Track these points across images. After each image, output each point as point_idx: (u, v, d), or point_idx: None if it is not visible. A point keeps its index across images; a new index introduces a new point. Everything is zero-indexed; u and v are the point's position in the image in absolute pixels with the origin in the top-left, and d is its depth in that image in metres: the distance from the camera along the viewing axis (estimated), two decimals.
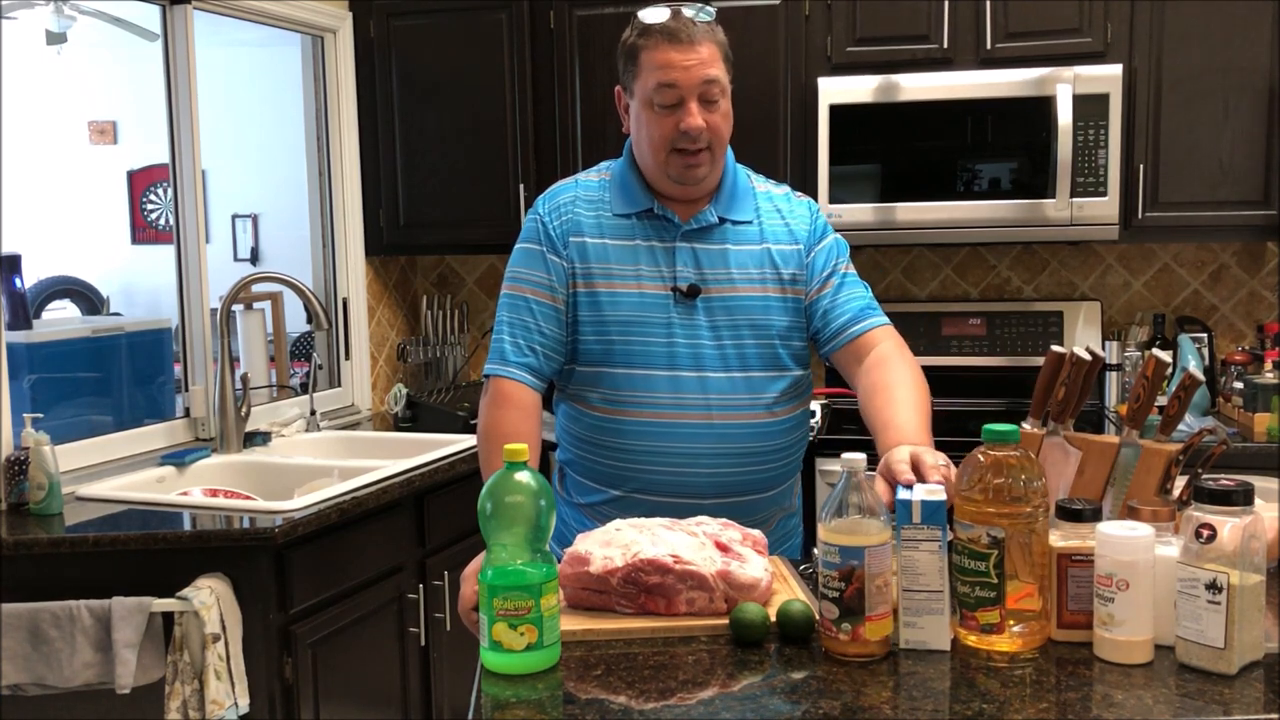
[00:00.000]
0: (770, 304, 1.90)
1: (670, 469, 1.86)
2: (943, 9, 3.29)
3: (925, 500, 1.36)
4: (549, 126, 3.62)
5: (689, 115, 1.81)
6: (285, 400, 3.60)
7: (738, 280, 1.89)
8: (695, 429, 1.86)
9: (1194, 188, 3.22)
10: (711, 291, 1.88)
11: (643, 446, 1.87)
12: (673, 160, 1.85)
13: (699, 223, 1.90)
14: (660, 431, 1.86)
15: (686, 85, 1.81)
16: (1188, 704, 1.22)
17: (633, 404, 1.87)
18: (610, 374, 1.89)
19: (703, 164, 1.86)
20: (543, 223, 1.93)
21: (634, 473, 1.88)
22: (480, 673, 1.35)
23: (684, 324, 1.87)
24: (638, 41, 1.84)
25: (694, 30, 1.81)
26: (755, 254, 1.91)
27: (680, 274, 1.88)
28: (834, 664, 1.34)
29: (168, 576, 2.28)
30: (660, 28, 1.81)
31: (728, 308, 1.88)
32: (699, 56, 1.80)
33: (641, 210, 1.91)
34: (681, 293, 1.88)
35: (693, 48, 1.80)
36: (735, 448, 1.87)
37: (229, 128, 4.95)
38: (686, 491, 1.85)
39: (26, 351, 3.64)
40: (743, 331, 1.88)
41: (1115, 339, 3.48)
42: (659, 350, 1.87)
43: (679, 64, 1.80)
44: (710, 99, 1.83)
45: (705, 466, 1.86)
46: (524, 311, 1.90)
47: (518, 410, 1.86)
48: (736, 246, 1.91)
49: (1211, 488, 1.29)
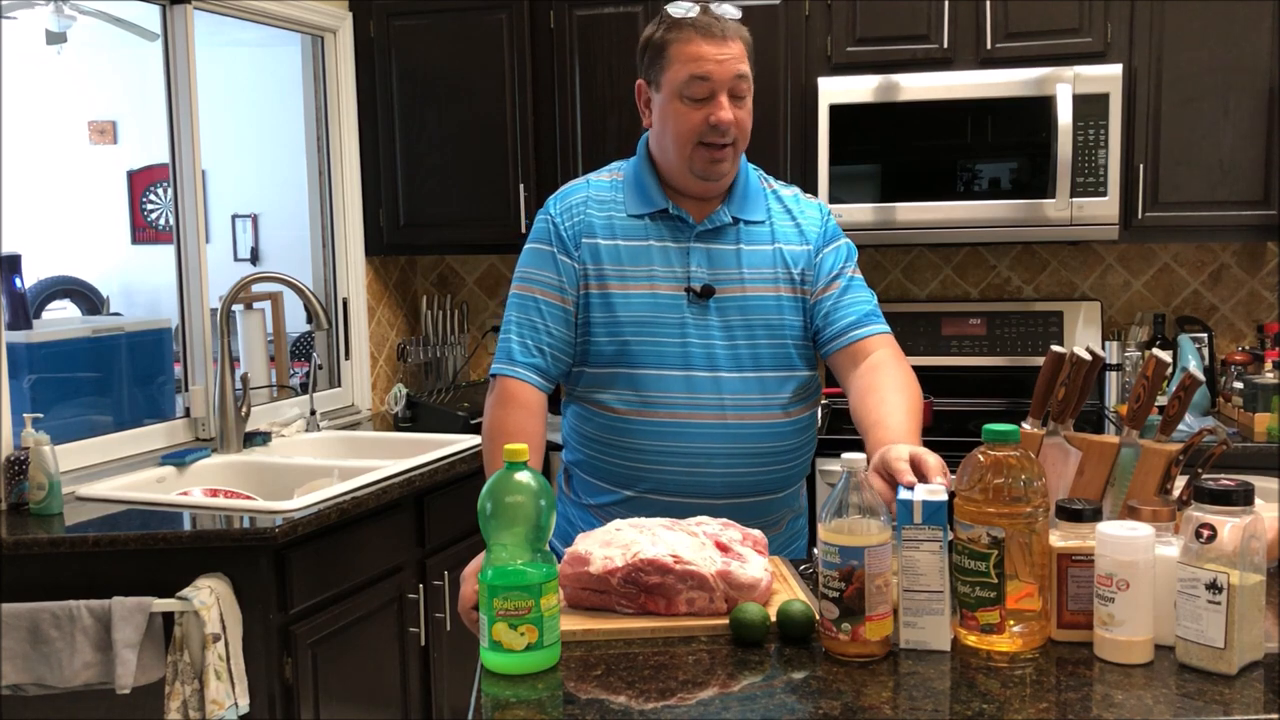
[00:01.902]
0: (783, 304, 1.91)
1: (684, 469, 1.87)
2: (943, 9, 3.29)
3: (926, 500, 1.36)
4: (549, 126, 3.62)
5: (720, 108, 1.82)
6: (285, 400, 3.60)
7: (750, 280, 1.89)
8: (709, 429, 1.86)
9: (1194, 188, 3.22)
10: (725, 292, 1.89)
11: (656, 447, 1.87)
12: (698, 154, 1.85)
13: (713, 223, 1.91)
14: (674, 432, 1.86)
15: (719, 78, 1.82)
16: (1188, 704, 1.22)
17: (646, 404, 1.87)
18: (624, 374, 1.89)
19: (727, 159, 1.86)
20: (554, 223, 1.93)
21: (647, 473, 1.88)
22: (480, 673, 1.35)
23: (697, 324, 1.88)
24: (667, 35, 1.85)
25: (726, 26, 1.83)
26: (767, 254, 1.91)
27: (694, 274, 1.89)
28: (834, 664, 1.34)
29: (168, 576, 2.28)
30: (692, 22, 1.83)
31: (741, 308, 1.89)
32: (731, 51, 1.82)
33: (656, 211, 1.91)
34: (695, 293, 1.88)
35: (725, 42, 1.82)
36: (749, 448, 1.88)
37: (229, 128, 4.96)
38: (699, 492, 1.85)
39: (26, 351, 3.64)
40: (756, 332, 1.89)
41: (1115, 339, 3.48)
42: (673, 351, 1.87)
43: (712, 57, 1.81)
44: (739, 94, 1.85)
45: (719, 467, 1.86)
46: (532, 312, 1.90)
47: (523, 410, 1.86)
48: (749, 247, 1.91)
49: (1211, 488, 1.29)
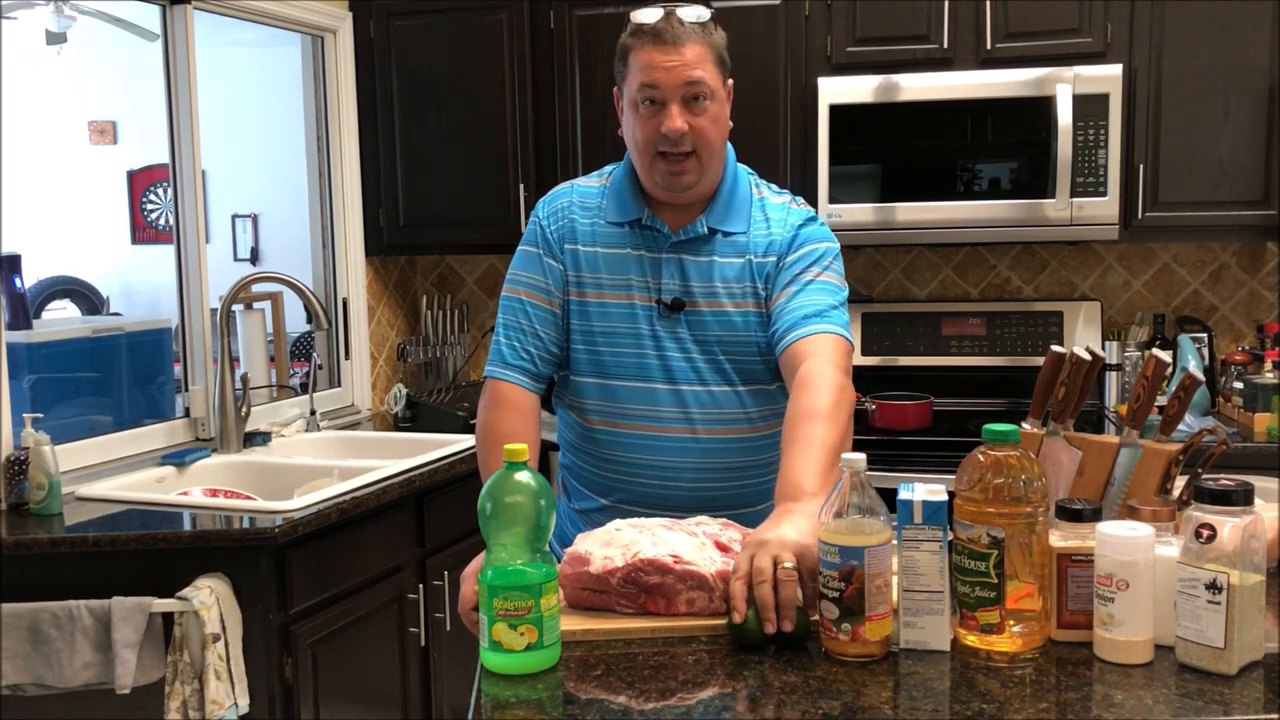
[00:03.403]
0: (750, 319, 1.85)
1: (654, 481, 1.86)
2: (943, 9, 3.29)
3: (926, 500, 1.36)
4: (549, 126, 3.62)
5: (669, 117, 1.76)
6: (285, 400, 3.60)
7: (721, 295, 1.85)
8: (678, 443, 1.84)
9: (1194, 188, 3.22)
10: (697, 305, 1.85)
11: (626, 459, 1.87)
12: (657, 164, 1.81)
13: (688, 234, 1.86)
14: (644, 445, 1.85)
15: (668, 86, 1.76)
16: (1188, 704, 1.22)
17: (617, 415, 1.86)
18: (596, 385, 1.88)
19: (688, 170, 1.81)
20: (541, 226, 1.93)
21: (619, 483, 1.88)
22: (480, 673, 1.35)
23: (668, 337, 1.85)
24: (627, 41, 1.81)
25: (680, 31, 1.76)
26: (739, 267, 1.86)
27: (666, 286, 1.85)
28: (834, 664, 1.34)
29: (168, 576, 2.28)
30: (649, 28, 1.77)
31: (711, 322, 1.85)
32: (682, 58, 1.75)
33: (632, 220, 1.88)
34: (666, 305, 1.85)
35: (677, 49, 1.75)
36: (718, 462, 1.86)
37: (229, 128, 4.95)
38: (670, 504, 1.82)
39: (26, 351, 3.64)
40: (727, 346, 1.85)
41: (1115, 339, 3.48)
42: (642, 363, 1.85)
43: (660, 65, 1.76)
44: (696, 100, 1.77)
45: (687, 480, 1.85)
46: (520, 314, 1.89)
47: (514, 411, 1.86)
48: (723, 259, 1.86)
49: (1211, 488, 1.29)
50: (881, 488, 1.39)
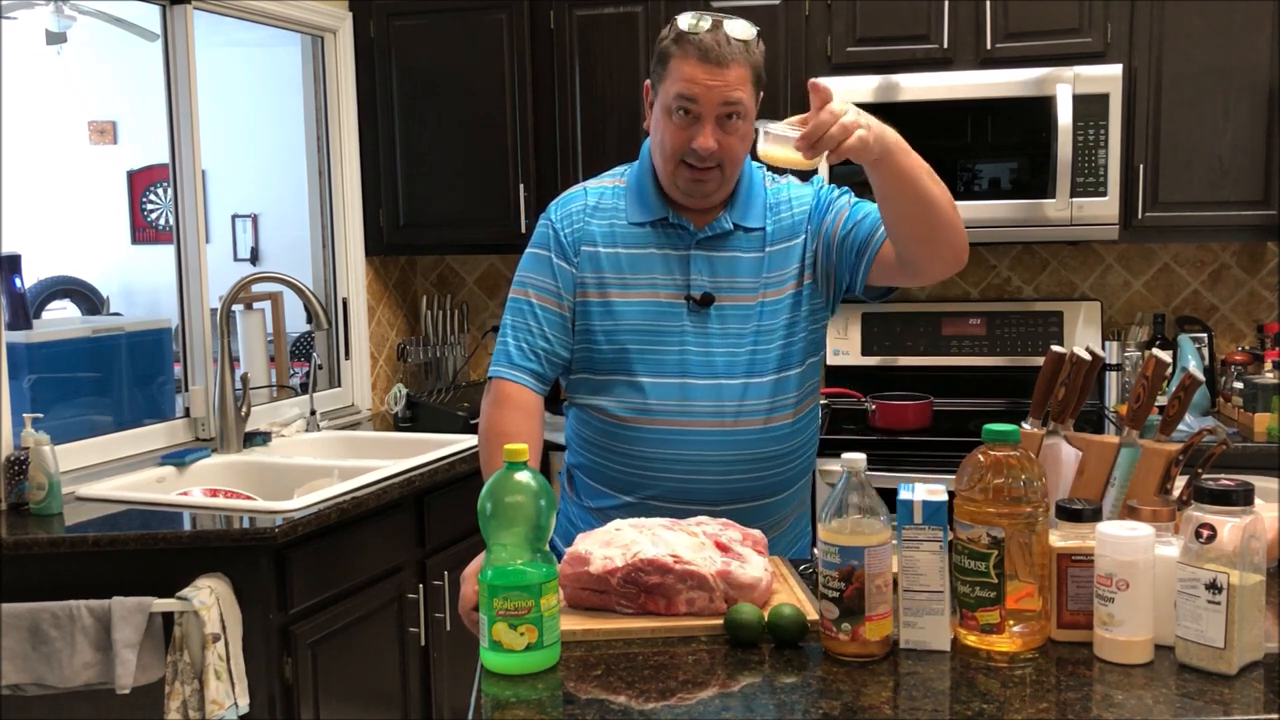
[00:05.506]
0: (780, 306, 1.89)
1: (682, 475, 1.86)
2: (943, 9, 3.29)
3: (926, 500, 1.36)
4: (549, 126, 3.62)
5: (702, 135, 1.79)
6: (285, 400, 3.60)
7: (749, 288, 1.88)
8: (708, 436, 1.86)
9: (1194, 188, 3.22)
10: (725, 300, 1.88)
11: (655, 454, 1.87)
12: (680, 172, 1.84)
13: (713, 230, 1.89)
14: (672, 439, 1.86)
15: (706, 104, 1.77)
16: (1188, 704, 1.22)
17: (645, 411, 1.87)
18: (624, 382, 1.89)
19: (710, 180, 1.84)
20: (554, 229, 1.94)
21: (646, 479, 1.88)
22: (480, 673, 1.35)
23: (697, 332, 1.87)
24: (670, 46, 1.80)
25: (727, 51, 1.76)
26: (764, 259, 1.90)
27: (694, 282, 1.88)
28: (834, 664, 1.34)
29: (168, 576, 2.28)
30: (697, 40, 1.77)
31: (740, 315, 1.88)
32: (725, 79, 1.76)
33: (656, 219, 1.90)
34: (695, 301, 1.87)
35: (722, 70, 1.76)
36: (748, 453, 1.87)
37: (229, 128, 4.95)
38: (699, 498, 1.84)
39: (26, 351, 3.64)
40: (756, 338, 1.88)
41: (1115, 339, 3.48)
42: (672, 359, 1.87)
43: (702, 81, 1.76)
44: (728, 119, 1.79)
45: (717, 473, 1.86)
46: (528, 316, 1.90)
47: (519, 411, 1.86)
48: (748, 254, 1.90)
49: (1211, 488, 1.29)
50: (881, 488, 1.39)
